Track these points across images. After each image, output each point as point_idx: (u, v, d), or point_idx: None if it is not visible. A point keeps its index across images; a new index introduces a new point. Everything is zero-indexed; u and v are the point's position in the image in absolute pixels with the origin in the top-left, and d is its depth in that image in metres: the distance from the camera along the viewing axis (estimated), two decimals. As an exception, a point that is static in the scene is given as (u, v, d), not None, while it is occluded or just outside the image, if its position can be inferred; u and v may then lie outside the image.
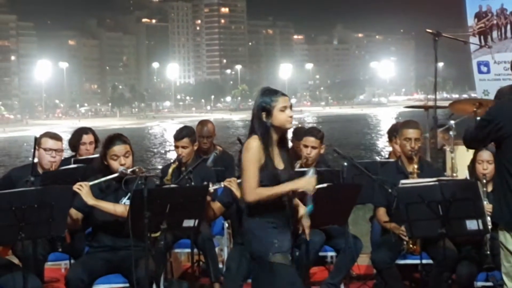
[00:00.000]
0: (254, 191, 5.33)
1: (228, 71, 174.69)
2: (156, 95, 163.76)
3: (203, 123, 9.01)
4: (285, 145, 5.58)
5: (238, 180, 6.81)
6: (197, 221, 6.45)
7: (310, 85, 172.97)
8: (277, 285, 5.38)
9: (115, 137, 6.52)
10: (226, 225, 8.17)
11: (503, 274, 5.48)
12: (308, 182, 5.42)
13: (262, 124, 5.42)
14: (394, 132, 8.24)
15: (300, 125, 10.88)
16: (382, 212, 7.24)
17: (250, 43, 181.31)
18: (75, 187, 6.22)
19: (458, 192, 6.05)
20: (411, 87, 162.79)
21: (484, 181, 6.73)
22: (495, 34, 11.09)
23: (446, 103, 9.30)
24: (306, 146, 7.59)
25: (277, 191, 5.36)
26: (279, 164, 5.43)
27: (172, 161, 8.18)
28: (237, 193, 6.78)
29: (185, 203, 6.33)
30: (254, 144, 5.38)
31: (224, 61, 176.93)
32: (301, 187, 5.41)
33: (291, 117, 5.44)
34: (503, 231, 5.36)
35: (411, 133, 7.21)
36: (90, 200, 6.27)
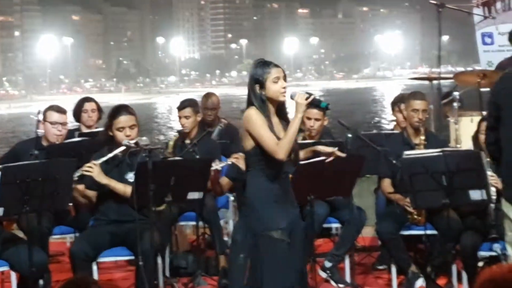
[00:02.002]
0: (278, 147, 5.33)
1: (233, 45, 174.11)
2: (161, 70, 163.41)
3: (207, 95, 9.08)
4: (284, 116, 5.57)
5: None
6: (202, 193, 6.48)
7: (315, 59, 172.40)
8: (275, 260, 5.42)
9: (121, 108, 6.52)
10: (232, 198, 8.19)
11: (506, 243, 5.50)
12: (299, 101, 5.39)
13: (257, 96, 5.44)
14: (398, 102, 8.23)
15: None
16: (386, 184, 7.25)
17: (255, 17, 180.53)
18: (85, 169, 6.23)
19: (462, 162, 6.06)
20: (416, 61, 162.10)
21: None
22: (499, 5, 11.03)
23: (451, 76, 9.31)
24: (309, 118, 7.58)
25: (292, 130, 5.36)
26: (280, 133, 5.44)
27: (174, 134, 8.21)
28: (244, 168, 6.78)
29: (190, 175, 6.35)
30: (254, 111, 5.41)
31: (229, 35, 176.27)
32: (300, 110, 5.37)
33: (284, 88, 5.44)
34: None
35: (419, 104, 7.19)
36: (103, 179, 6.29)
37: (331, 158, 5.80)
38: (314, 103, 5.52)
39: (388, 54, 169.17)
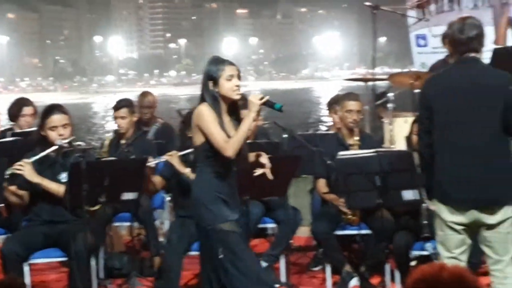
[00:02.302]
0: (227, 145, 5.33)
1: (172, 45, 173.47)
2: (98, 70, 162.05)
3: (144, 94, 9.18)
4: (237, 116, 5.57)
5: (179, 153, 6.81)
6: (137, 194, 6.44)
7: (254, 59, 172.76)
8: (226, 252, 5.40)
9: (54, 107, 6.44)
10: (168, 198, 8.16)
11: (437, 243, 5.58)
12: (253, 100, 5.40)
13: (210, 92, 5.43)
14: (334, 104, 8.30)
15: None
16: (321, 184, 7.30)
17: (193, 17, 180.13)
18: (15, 168, 6.14)
19: (395, 162, 6.13)
20: (354, 62, 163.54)
21: (421, 152, 6.78)
22: (432, 7, 11.19)
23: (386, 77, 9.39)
24: None
25: (243, 128, 5.37)
26: (231, 132, 5.44)
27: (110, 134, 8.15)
28: (179, 167, 6.76)
29: (124, 176, 6.30)
30: (205, 107, 5.40)
31: (168, 35, 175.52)
32: (253, 109, 5.38)
33: (237, 86, 5.44)
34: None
35: (353, 105, 7.26)
36: (34, 178, 6.19)
37: (259, 172, 5.76)
38: (268, 104, 5.52)
39: (326, 55, 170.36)
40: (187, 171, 6.69)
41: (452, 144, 5.31)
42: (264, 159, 5.69)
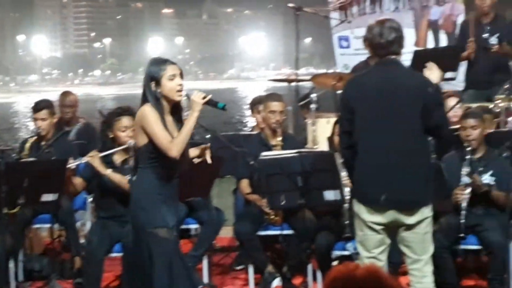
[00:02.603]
0: (172, 145, 5.30)
1: (97, 44, 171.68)
2: (22, 69, 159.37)
3: (65, 93, 9.11)
4: (179, 117, 5.53)
5: (100, 154, 6.73)
6: (57, 195, 6.35)
7: (180, 59, 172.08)
8: (158, 259, 5.39)
9: None
10: (90, 199, 8.06)
11: (357, 243, 5.64)
12: (196, 99, 5.39)
13: (152, 93, 5.39)
14: (257, 104, 8.32)
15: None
16: (244, 184, 7.30)
17: (118, 17, 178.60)
18: None
19: (317, 163, 6.18)
20: (280, 62, 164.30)
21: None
22: (355, 9, 11.31)
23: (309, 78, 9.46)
24: None
25: (186, 128, 5.36)
26: (174, 132, 5.41)
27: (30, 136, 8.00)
28: (99, 168, 6.68)
29: (44, 177, 6.22)
30: (148, 108, 5.36)
31: (92, 34, 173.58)
32: (196, 109, 5.37)
33: (180, 85, 5.40)
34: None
35: (275, 105, 7.29)
36: None
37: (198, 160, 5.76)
38: (210, 103, 5.52)
39: (252, 55, 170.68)
40: (108, 172, 6.62)
41: (372, 145, 5.38)
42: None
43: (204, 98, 5.41)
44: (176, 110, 5.53)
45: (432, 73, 5.49)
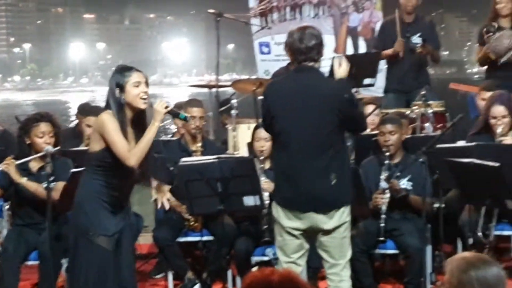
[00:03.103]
0: (130, 154, 5.25)
1: (16, 49, 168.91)
2: None
3: None
4: (142, 126, 5.45)
5: (17, 162, 6.59)
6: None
7: (102, 65, 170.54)
8: (91, 266, 5.34)
9: None
10: (7, 206, 7.90)
11: (276, 248, 5.67)
12: (158, 108, 5.34)
13: (116, 100, 5.33)
14: (171, 116, 8.26)
15: (86, 102, 10.72)
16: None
17: (39, 21, 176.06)
18: None
19: (236, 169, 6.16)
20: (202, 68, 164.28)
21: (262, 158, 6.88)
22: (275, 15, 11.37)
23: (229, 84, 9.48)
24: (89, 126, 7.47)
25: (147, 137, 5.32)
26: (132, 142, 5.36)
27: None
28: (15, 176, 6.54)
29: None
30: (108, 115, 5.30)
31: (12, 39, 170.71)
32: (157, 118, 5.34)
33: (145, 92, 5.34)
34: (276, 206, 5.54)
35: (195, 111, 7.28)
36: None
37: None
38: (172, 113, 5.52)
39: (175, 61, 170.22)
40: (23, 180, 6.50)
41: (289, 149, 5.43)
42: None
43: (166, 107, 5.37)
44: (140, 119, 5.47)
45: (340, 67, 5.55)
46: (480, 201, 6.20)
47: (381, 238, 6.54)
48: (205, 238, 6.96)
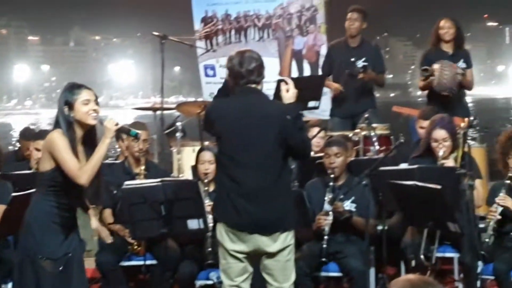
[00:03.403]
0: (80, 172, 5.18)
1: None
2: None
3: None
4: (92, 144, 5.39)
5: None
6: None
7: (47, 87, 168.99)
8: None
9: None
10: None
11: (220, 271, 5.65)
12: (108, 126, 5.29)
13: (65, 118, 5.27)
14: (121, 133, 8.20)
15: (32, 126, 10.60)
16: (107, 214, 7.21)
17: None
18: None
19: (180, 192, 6.14)
20: (149, 90, 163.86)
21: (206, 180, 6.86)
22: (220, 38, 11.38)
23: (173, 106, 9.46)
24: (38, 150, 7.37)
25: (97, 155, 5.25)
26: (83, 160, 5.29)
27: None
28: None
29: None
30: (57, 134, 5.24)
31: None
32: (108, 135, 5.28)
33: (94, 110, 5.29)
34: (220, 229, 5.51)
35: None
36: None
37: None
38: (123, 131, 5.50)
39: (121, 83, 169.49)
40: None
41: (233, 170, 5.43)
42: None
43: (116, 125, 5.32)
44: (90, 137, 5.43)
45: (288, 92, 5.57)
46: (422, 223, 6.26)
47: (324, 259, 6.54)
48: (148, 262, 6.89)
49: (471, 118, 7.00)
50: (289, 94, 5.56)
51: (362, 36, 9.56)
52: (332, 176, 6.78)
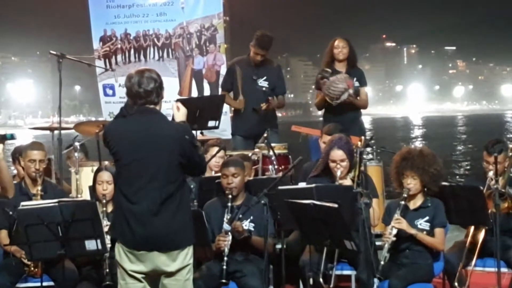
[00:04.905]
0: None
1: None
2: None
3: None
4: None
5: None
6: None
7: None
8: None
9: None
10: None
11: (116, 292, 5.61)
12: None
13: None
14: (17, 154, 8.08)
15: None
16: (3, 235, 7.08)
17: None
18: None
19: (77, 212, 6.06)
20: (48, 110, 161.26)
21: (104, 201, 6.81)
22: (119, 57, 11.31)
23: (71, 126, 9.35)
24: None
25: None
26: None
27: None
28: None
29: None
30: None
31: None
32: None
33: None
34: (119, 249, 5.48)
35: (35, 154, 7.20)
36: None
37: None
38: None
39: (20, 102, 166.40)
40: None
41: (130, 189, 5.41)
42: None
43: None
44: None
45: (179, 111, 5.60)
46: (320, 241, 6.34)
47: (223, 281, 6.56)
48: (45, 283, 6.77)
49: (368, 137, 7.14)
50: (180, 113, 5.60)
51: (265, 55, 9.59)
52: (230, 196, 6.79)
